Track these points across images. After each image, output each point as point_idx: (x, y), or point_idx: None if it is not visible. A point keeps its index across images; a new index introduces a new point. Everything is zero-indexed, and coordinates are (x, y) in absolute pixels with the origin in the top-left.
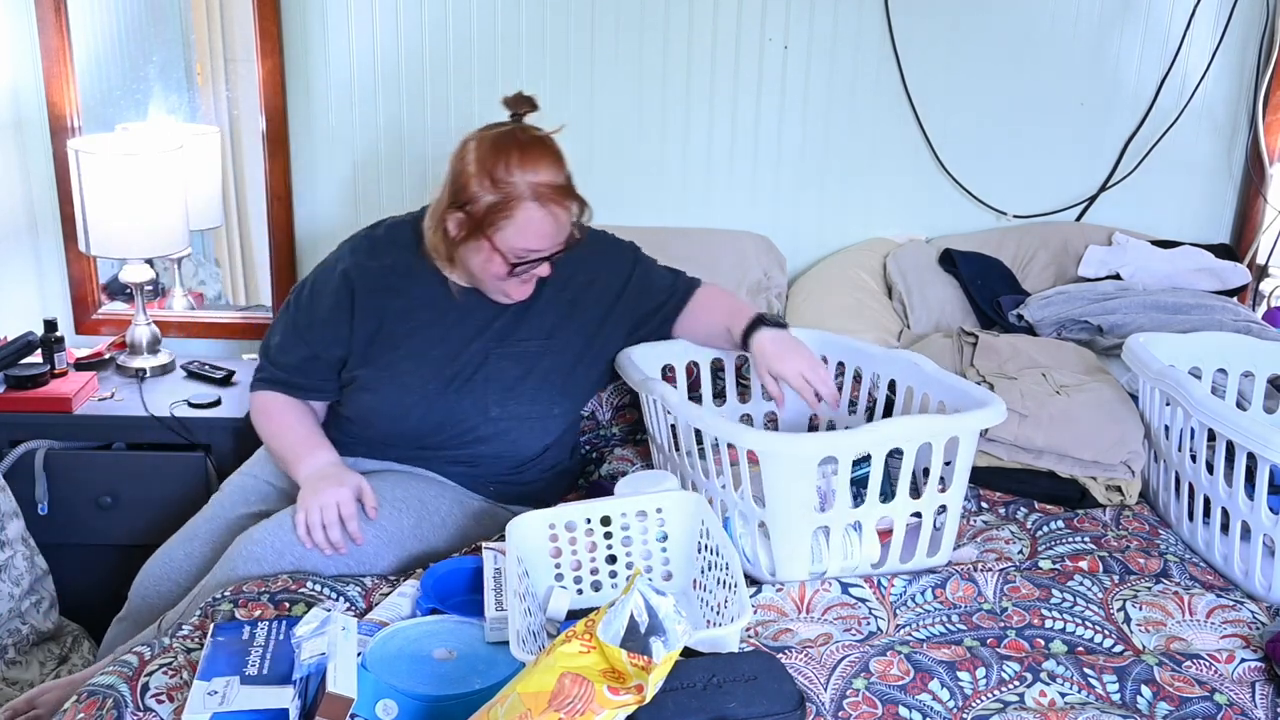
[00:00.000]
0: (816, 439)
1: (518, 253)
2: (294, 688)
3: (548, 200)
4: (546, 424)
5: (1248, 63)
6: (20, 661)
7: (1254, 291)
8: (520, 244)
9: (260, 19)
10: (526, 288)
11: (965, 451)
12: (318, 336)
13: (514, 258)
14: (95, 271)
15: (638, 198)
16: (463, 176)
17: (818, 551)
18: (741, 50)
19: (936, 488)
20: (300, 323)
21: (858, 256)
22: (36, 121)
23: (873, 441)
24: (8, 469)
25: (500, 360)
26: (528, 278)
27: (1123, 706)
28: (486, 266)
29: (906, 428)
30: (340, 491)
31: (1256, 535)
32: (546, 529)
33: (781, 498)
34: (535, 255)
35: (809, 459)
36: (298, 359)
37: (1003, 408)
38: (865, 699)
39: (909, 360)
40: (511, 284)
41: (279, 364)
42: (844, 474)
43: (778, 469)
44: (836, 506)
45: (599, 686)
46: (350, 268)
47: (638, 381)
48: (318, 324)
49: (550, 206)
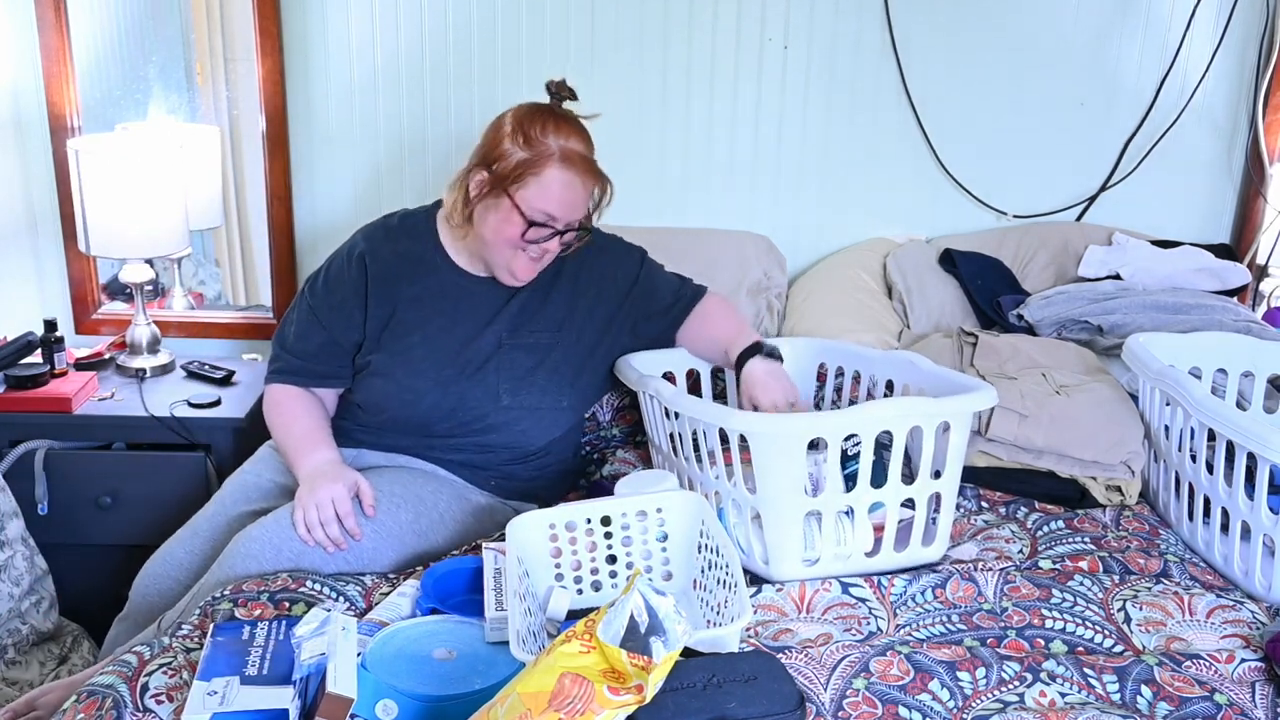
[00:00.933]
0: (804, 419)
1: (535, 213)
2: (294, 688)
3: (574, 165)
4: (556, 416)
5: (1248, 63)
6: (20, 661)
7: (1254, 291)
8: (540, 204)
9: (260, 19)
10: (533, 267)
11: (958, 439)
12: (334, 320)
13: (531, 217)
14: (95, 271)
15: (638, 198)
16: (496, 136)
17: (810, 538)
18: (741, 50)
19: (929, 474)
20: (317, 307)
21: (858, 256)
22: (36, 121)
23: (861, 422)
24: (8, 469)
25: (513, 351)
26: (537, 254)
27: (1123, 706)
28: (501, 228)
29: (895, 409)
30: (336, 488)
31: (1256, 535)
32: (547, 529)
33: (772, 481)
34: (550, 223)
35: (797, 438)
36: (315, 345)
37: (993, 393)
38: (865, 699)
39: (905, 359)
40: (520, 258)
41: (296, 352)
42: (834, 456)
43: (767, 451)
44: (828, 491)
45: (599, 687)
46: (365, 252)
47: (634, 380)
48: (334, 308)
49: (575, 172)
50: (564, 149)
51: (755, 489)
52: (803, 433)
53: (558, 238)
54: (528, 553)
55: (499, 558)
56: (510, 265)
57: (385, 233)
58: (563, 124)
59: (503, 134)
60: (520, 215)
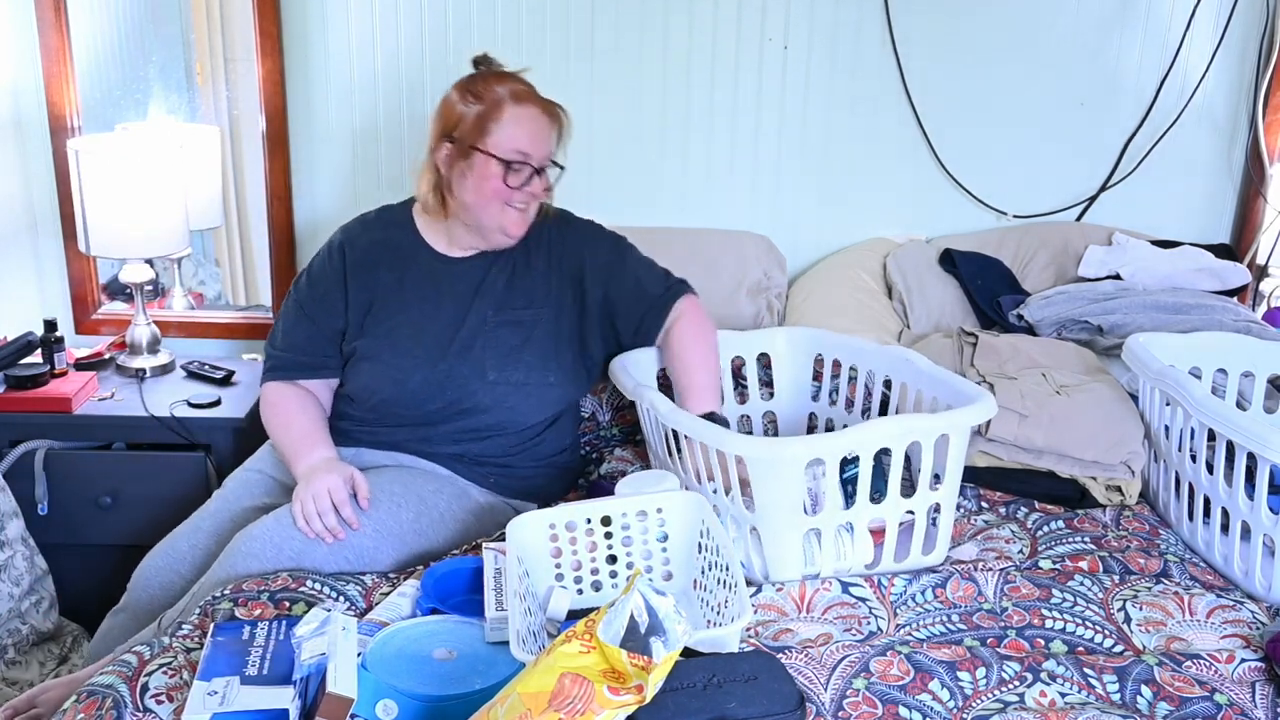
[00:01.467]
0: (802, 442)
1: (508, 153)
2: (294, 688)
3: (528, 100)
4: (544, 393)
5: (1248, 63)
6: (20, 661)
7: (1254, 291)
8: (510, 144)
9: (260, 19)
10: (523, 219)
11: (957, 449)
12: (318, 311)
13: (506, 158)
14: (95, 271)
15: (638, 198)
16: (447, 108)
17: (810, 554)
18: (741, 50)
19: (929, 486)
20: (302, 302)
21: (858, 256)
22: (36, 121)
23: (859, 442)
24: (8, 469)
25: (499, 328)
26: (523, 201)
27: (1123, 706)
28: (482, 185)
29: (893, 427)
30: (331, 479)
31: (1256, 535)
32: (547, 529)
33: (770, 501)
34: (525, 160)
35: (795, 462)
36: (303, 337)
37: (992, 404)
38: (865, 699)
39: (902, 357)
40: (509, 213)
41: (285, 346)
42: (832, 475)
43: (764, 473)
44: (826, 508)
45: (599, 687)
46: (344, 242)
47: (630, 388)
48: (317, 300)
49: (532, 105)
50: (513, 90)
51: (753, 507)
52: (800, 456)
53: (537, 177)
54: (528, 552)
55: (499, 558)
56: (501, 222)
57: (362, 225)
58: (503, 76)
59: (452, 103)
60: (496, 160)
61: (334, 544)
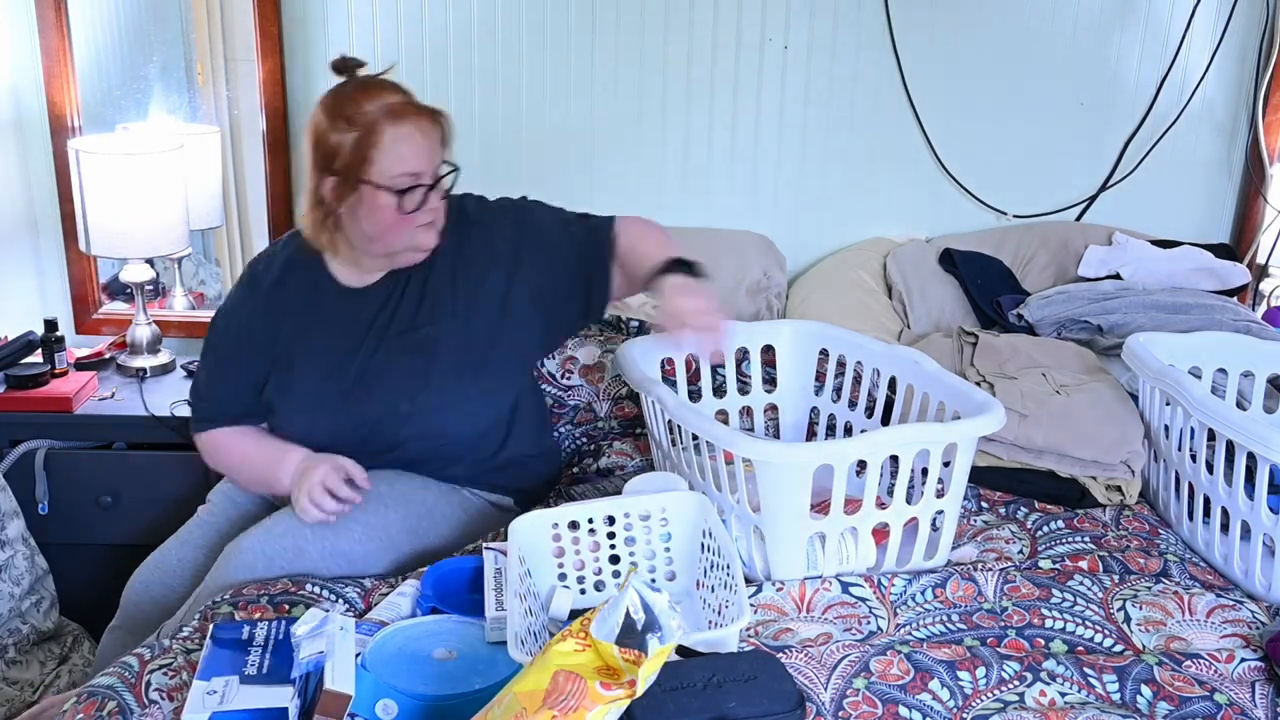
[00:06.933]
0: (813, 448)
1: (398, 180)
2: (293, 686)
3: (405, 116)
4: (471, 406)
5: (1248, 63)
6: (20, 661)
7: (1254, 291)
8: (397, 168)
9: (260, 19)
10: (433, 231)
11: (963, 456)
12: (232, 365)
13: (397, 186)
14: (95, 271)
15: (638, 198)
16: (317, 137)
17: (813, 557)
18: (741, 50)
19: (934, 492)
20: (218, 348)
21: (858, 256)
22: (36, 121)
23: (870, 449)
24: (8, 469)
25: (401, 354)
26: (426, 216)
27: (1123, 706)
28: (378, 215)
29: (904, 435)
30: (320, 469)
31: (1256, 535)
32: (549, 528)
33: (777, 504)
34: (418, 181)
35: (805, 467)
36: (226, 392)
37: (1001, 414)
38: (865, 698)
39: (910, 358)
40: (417, 232)
41: (210, 397)
42: (840, 481)
43: (773, 477)
44: (833, 514)
45: (592, 683)
46: (248, 291)
47: (636, 381)
48: (229, 353)
49: (410, 121)
50: (386, 107)
51: (758, 506)
52: (810, 461)
53: (434, 192)
54: (530, 552)
55: (499, 558)
56: (411, 243)
57: (267, 265)
58: (370, 88)
59: (323, 132)
60: (386, 191)
61: (325, 551)
